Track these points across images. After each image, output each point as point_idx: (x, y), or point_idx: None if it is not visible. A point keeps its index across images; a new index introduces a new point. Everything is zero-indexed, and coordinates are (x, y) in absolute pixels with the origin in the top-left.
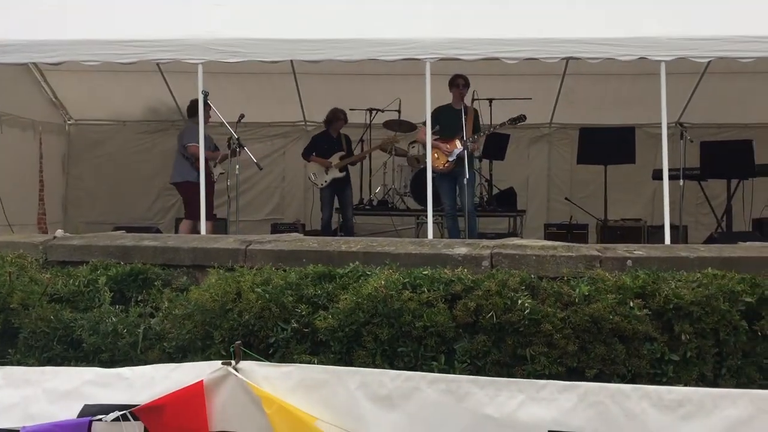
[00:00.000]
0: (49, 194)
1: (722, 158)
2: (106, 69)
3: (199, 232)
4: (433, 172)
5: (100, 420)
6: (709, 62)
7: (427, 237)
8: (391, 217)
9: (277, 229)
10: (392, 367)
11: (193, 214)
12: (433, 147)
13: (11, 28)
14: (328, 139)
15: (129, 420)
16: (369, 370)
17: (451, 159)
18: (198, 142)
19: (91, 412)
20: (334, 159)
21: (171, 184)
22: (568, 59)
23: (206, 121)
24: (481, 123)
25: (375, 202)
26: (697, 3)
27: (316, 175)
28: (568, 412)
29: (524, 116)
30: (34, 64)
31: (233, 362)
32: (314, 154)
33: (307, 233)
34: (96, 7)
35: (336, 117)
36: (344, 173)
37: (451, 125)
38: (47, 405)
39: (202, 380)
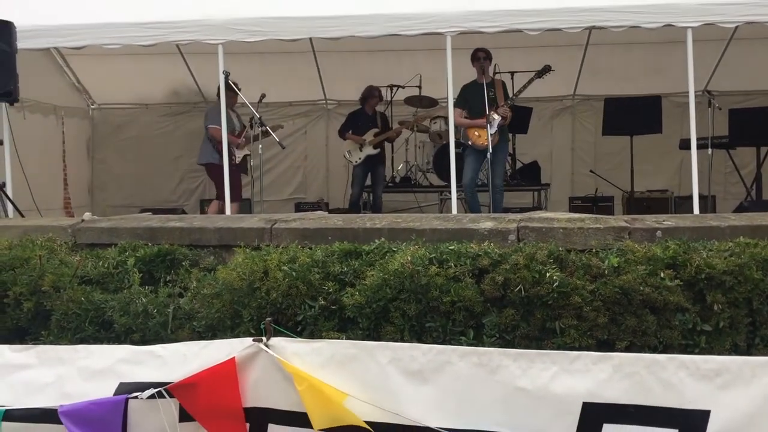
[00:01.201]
0: (75, 178)
1: (751, 125)
2: (127, 52)
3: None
4: (476, 148)
5: (136, 398)
6: (737, 27)
7: (451, 212)
8: (415, 194)
9: (300, 208)
10: (420, 342)
11: (220, 195)
12: (473, 126)
13: (33, 14)
14: (363, 117)
15: (165, 397)
16: (400, 345)
17: (492, 132)
18: (219, 124)
19: (127, 389)
20: (369, 136)
21: (198, 164)
22: (591, 29)
23: (233, 102)
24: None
25: (398, 179)
26: None
27: (351, 152)
28: (603, 384)
29: (549, 66)
30: (56, 48)
31: (264, 339)
32: (350, 131)
33: (330, 211)
34: None
35: (371, 94)
36: (378, 150)
37: (480, 101)
38: (82, 383)
39: (234, 357)
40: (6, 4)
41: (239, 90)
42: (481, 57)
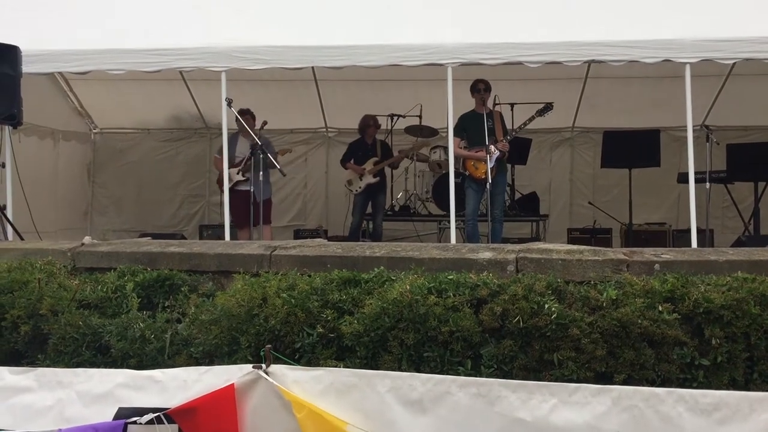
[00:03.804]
0: (72, 202)
1: (749, 160)
2: (131, 77)
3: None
4: (474, 180)
5: (135, 422)
6: (734, 64)
7: (450, 242)
8: (413, 223)
9: (299, 235)
10: (418, 372)
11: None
12: (471, 158)
13: (38, 39)
14: (363, 146)
15: (163, 423)
16: (399, 374)
17: (491, 165)
18: (221, 154)
19: (126, 414)
20: (368, 165)
21: None
22: (590, 62)
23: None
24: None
25: (397, 208)
26: (722, 3)
27: (351, 181)
28: (602, 416)
29: (551, 104)
30: (60, 73)
31: (264, 366)
32: (352, 161)
33: (330, 239)
34: (121, 17)
35: (366, 124)
36: (378, 178)
37: (479, 131)
38: (82, 408)
39: (233, 383)
40: (12, 28)
41: (252, 116)
42: (481, 88)
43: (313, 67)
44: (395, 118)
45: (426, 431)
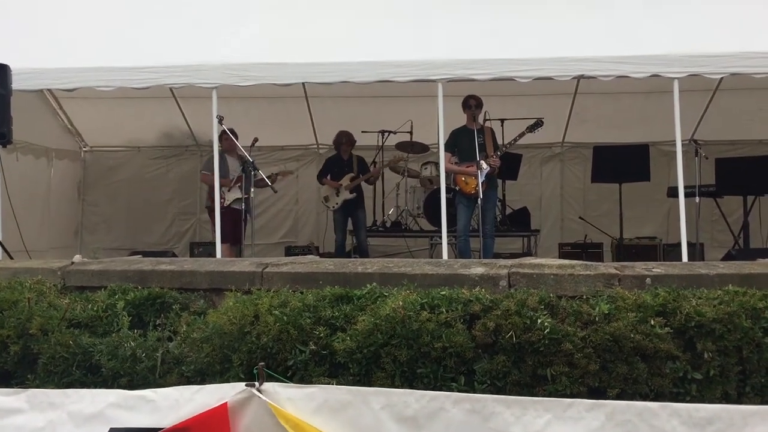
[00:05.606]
0: (63, 220)
1: (738, 175)
2: (120, 95)
3: (235, 255)
4: (464, 196)
5: None
6: (722, 78)
7: (442, 258)
8: (405, 239)
9: (291, 252)
10: (412, 388)
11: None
12: (461, 174)
13: (28, 57)
14: (339, 162)
15: None
16: (393, 391)
17: (482, 180)
18: (210, 170)
19: None
20: (345, 181)
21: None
22: (579, 78)
23: (232, 148)
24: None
25: (388, 224)
26: (709, 19)
27: (328, 198)
28: (596, 431)
29: (542, 120)
30: (50, 91)
31: (257, 384)
32: (329, 177)
33: (321, 256)
34: (110, 34)
35: (339, 141)
36: (354, 194)
37: (470, 147)
38: (73, 429)
39: (226, 402)
40: (1, 47)
41: (235, 136)
42: (472, 104)
43: (303, 84)
44: (386, 134)
45: None
